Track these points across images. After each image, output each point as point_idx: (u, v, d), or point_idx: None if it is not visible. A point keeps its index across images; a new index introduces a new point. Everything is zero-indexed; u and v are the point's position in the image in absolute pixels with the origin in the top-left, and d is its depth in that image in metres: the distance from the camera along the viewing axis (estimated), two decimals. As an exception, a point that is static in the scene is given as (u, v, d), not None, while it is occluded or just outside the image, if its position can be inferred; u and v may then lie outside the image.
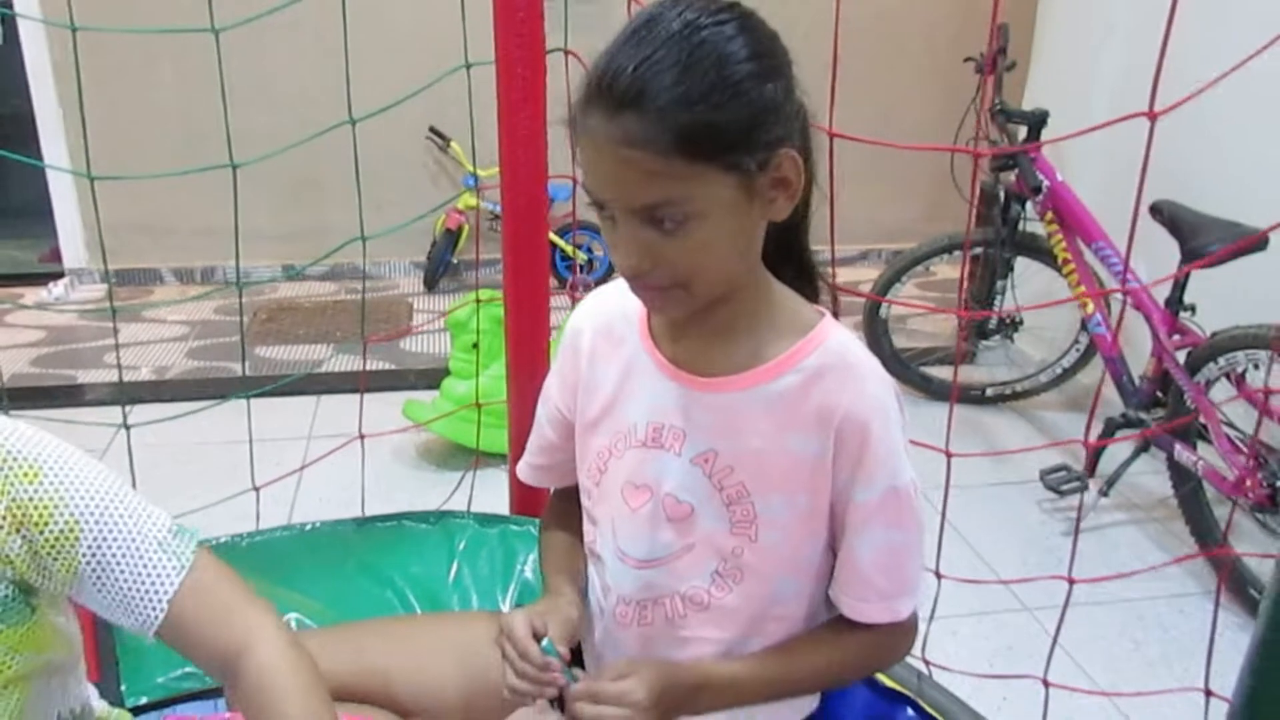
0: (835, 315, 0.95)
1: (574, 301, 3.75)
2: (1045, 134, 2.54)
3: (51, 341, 3.45)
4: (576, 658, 1.05)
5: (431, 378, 2.81)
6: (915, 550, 0.93)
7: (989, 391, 3.06)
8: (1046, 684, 1.39)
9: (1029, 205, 2.62)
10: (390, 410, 2.71)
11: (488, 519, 1.43)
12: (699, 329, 0.92)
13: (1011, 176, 2.61)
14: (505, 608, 1.32)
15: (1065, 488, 2.48)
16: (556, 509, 1.12)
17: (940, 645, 1.73)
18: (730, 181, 0.80)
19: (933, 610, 1.43)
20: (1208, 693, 1.29)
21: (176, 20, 1.60)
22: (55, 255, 4.01)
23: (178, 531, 0.87)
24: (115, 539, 0.83)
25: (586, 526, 1.03)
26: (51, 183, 3.85)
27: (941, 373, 3.17)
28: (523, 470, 1.13)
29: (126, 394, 3.01)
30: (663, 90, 0.76)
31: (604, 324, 1.00)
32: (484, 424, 2.43)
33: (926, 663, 1.36)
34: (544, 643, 0.90)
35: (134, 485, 0.90)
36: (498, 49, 1.30)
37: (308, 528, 1.42)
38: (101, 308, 3.26)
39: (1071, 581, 1.32)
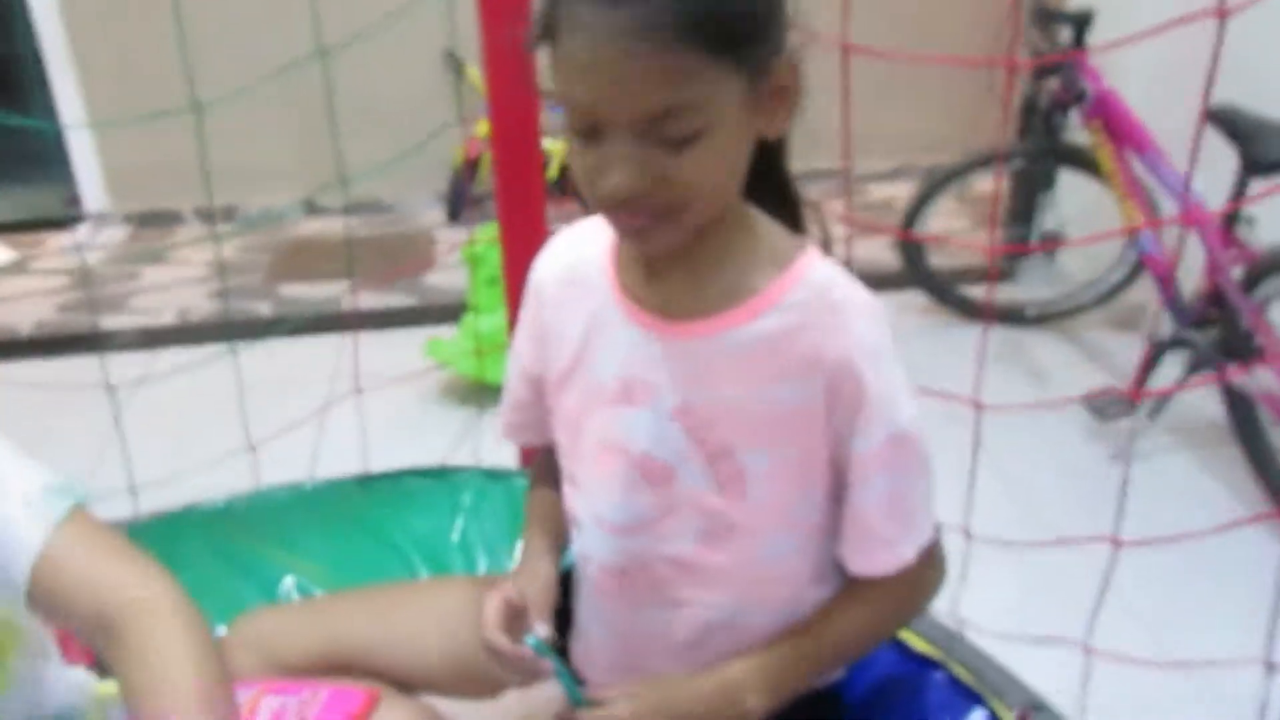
0: (826, 248, 0.86)
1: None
2: (1092, 36, 2.37)
3: (75, 287, 3.43)
4: (564, 621, 1.00)
5: (455, 313, 2.75)
6: (921, 492, 0.86)
7: (1030, 311, 2.93)
8: (1088, 651, 1.32)
9: (1073, 114, 2.46)
10: (413, 347, 2.67)
11: (493, 474, 1.38)
12: (671, 269, 0.83)
13: (1054, 83, 2.45)
14: (511, 566, 1.27)
15: (1110, 412, 2.37)
16: (543, 463, 1.05)
17: (973, 586, 1.66)
18: (739, 85, 0.71)
19: (963, 571, 1.35)
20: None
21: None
22: (76, 200, 3.97)
23: (56, 489, 0.79)
24: None
25: (566, 488, 0.96)
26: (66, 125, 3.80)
27: (981, 293, 3.05)
28: (501, 429, 1.06)
29: (151, 339, 3.01)
30: None
31: (566, 271, 0.92)
32: (500, 360, 2.38)
33: (958, 625, 1.29)
34: (529, 639, 0.85)
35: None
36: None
37: (307, 486, 1.38)
38: (119, 255, 3.23)
39: (1118, 544, 1.23)
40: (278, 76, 1.90)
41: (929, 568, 0.89)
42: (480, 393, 2.59)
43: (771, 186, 0.85)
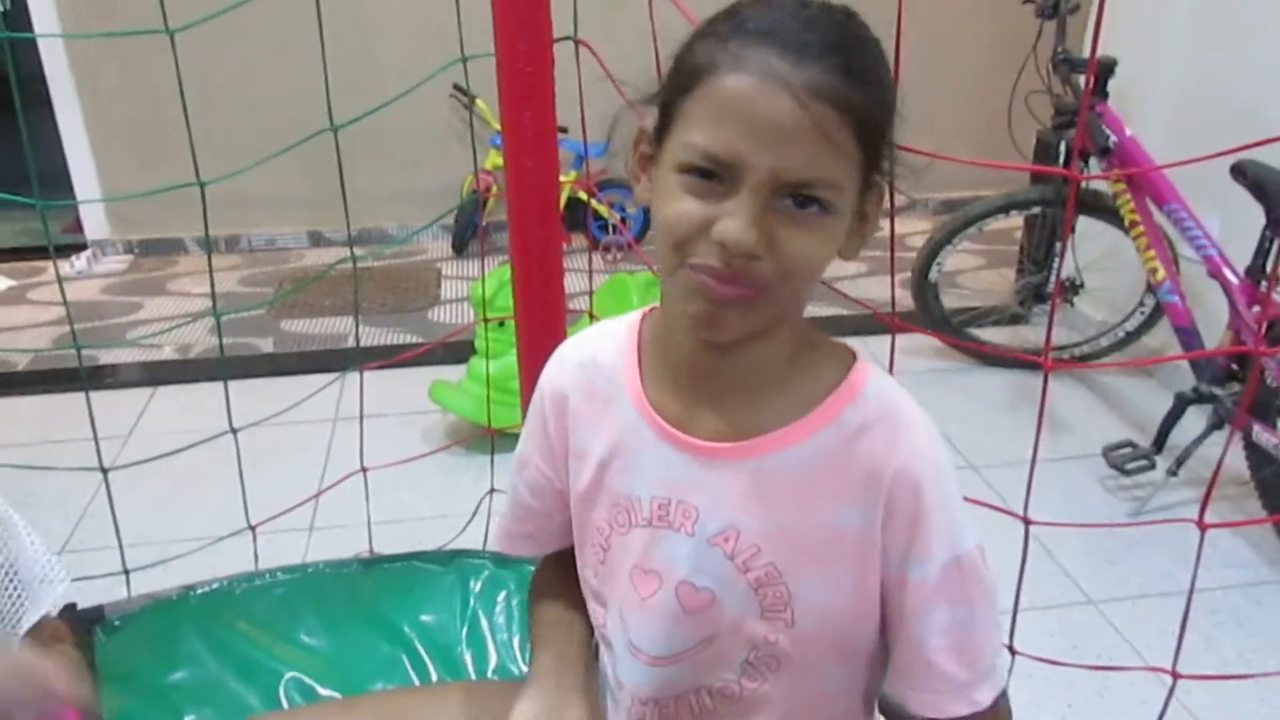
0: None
1: (606, 262, 3.64)
2: (1113, 84, 2.33)
3: (75, 318, 3.37)
4: None
5: (460, 351, 2.69)
6: (989, 624, 0.79)
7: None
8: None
9: (1093, 162, 2.42)
10: (417, 388, 2.62)
11: (505, 560, 1.32)
12: (708, 381, 0.78)
13: (1074, 132, 2.41)
14: (521, 661, 1.21)
15: (1130, 466, 2.32)
16: (548, 577, 0.98)
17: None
18: (857, 184, 0.70)
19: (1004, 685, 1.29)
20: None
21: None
22: (77, 226, 3.93)
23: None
24: None
25: (593, 607, 0.90)
26: (69, 151, 3.76)
27: (995, 336, 3.01)
28: (500, 541, 0.98)
29: (151, 374, 2.96)
30: (864, 54, 0.67)
31: (584, 383, 0.86)
32: (507, 405, 2.34)
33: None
34: None
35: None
36: (498, 40, 1.14)
37: (310, 569, 1.32)
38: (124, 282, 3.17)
39: (1176, 676, 1.20)
40: (285, 108, 1.85)
41: (998, 717, 0.82)
42: (486, 437, 2.54)
43: None
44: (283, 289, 3.58)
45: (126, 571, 1.49)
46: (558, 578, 0.95)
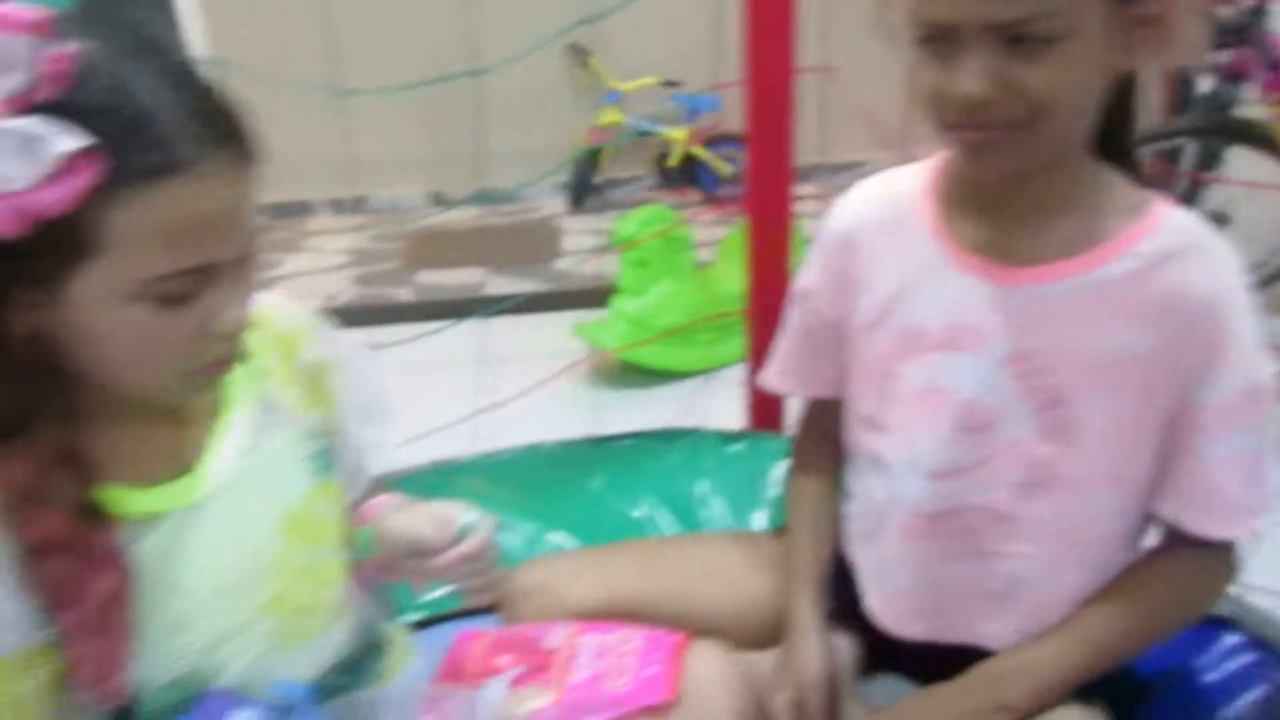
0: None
1: (719, 213, 3.67)
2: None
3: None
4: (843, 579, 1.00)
5: (593, 297, 2.76)
6: (1273, 456, 0.83)
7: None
8: None
9: (1245, 87, 2.38)
10: (554, 330, 2.70)
11: (729, 436, 1.37)
12: (1005, 209, 0.82)
13: (1227, 55, 2.37)
14: (756, 527, 1.27)
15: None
16: (815, 440, 1.04)
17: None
18: (1102, 1, 0.71)
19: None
20: None
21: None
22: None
23: None
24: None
25: (869, 434, 0.94)
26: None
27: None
28: (770, 379, 1.05)
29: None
30: None
31: (880, 217, 0.91)
32: (666, 343, 2.41)
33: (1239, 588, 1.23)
34: None
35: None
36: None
37: (541, 448, 1.38)
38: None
39: None
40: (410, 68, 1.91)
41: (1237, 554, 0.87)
42: (628, 374, 2.60)
43: (1111, 140, 0.83)
44: (411, 243, 3.68)
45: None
46: (821, 444, 1.03)
